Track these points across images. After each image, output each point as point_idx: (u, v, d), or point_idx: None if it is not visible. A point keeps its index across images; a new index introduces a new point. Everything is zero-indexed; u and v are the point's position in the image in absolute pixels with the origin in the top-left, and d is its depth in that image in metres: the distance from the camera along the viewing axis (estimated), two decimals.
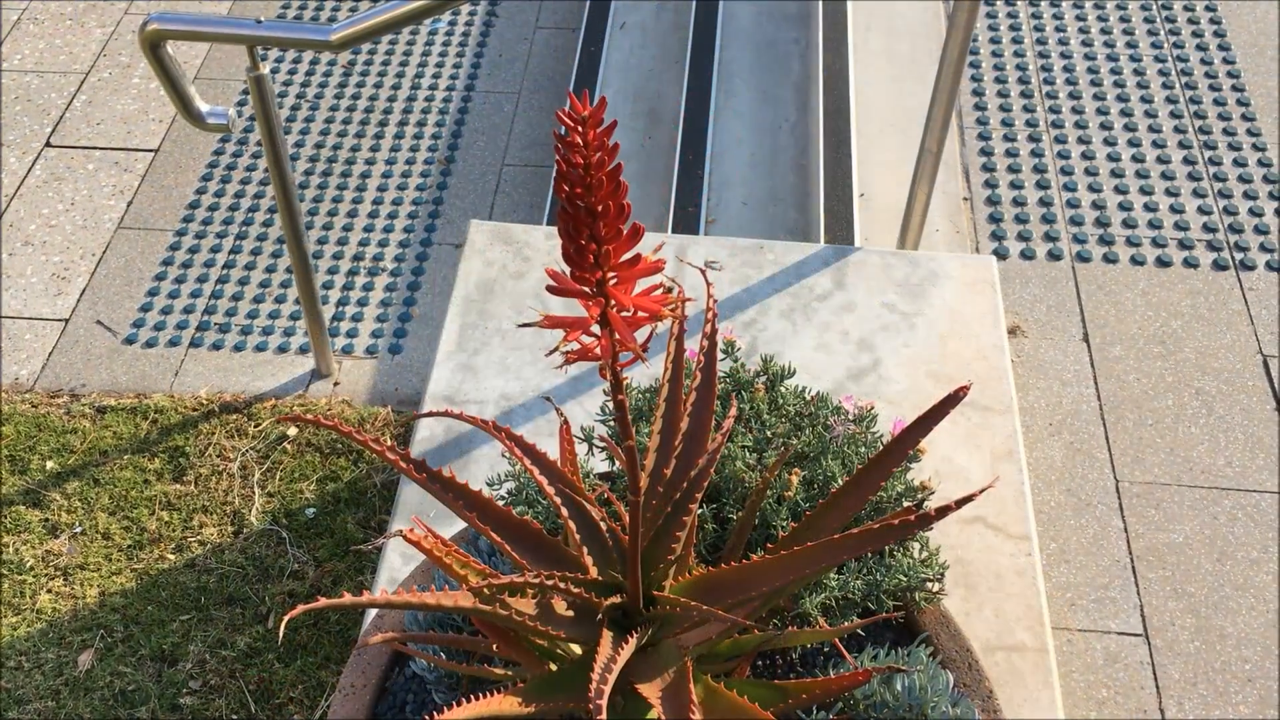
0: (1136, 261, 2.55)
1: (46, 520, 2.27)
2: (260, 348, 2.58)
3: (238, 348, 2.58)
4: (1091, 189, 2.72)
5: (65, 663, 2.07)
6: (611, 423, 1.47)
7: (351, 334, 2.60)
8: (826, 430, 1.36)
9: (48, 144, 3.04)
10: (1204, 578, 2.02)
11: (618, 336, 0.79)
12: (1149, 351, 2.37)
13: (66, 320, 2.65)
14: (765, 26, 3.11)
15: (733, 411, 1.09)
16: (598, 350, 0.80)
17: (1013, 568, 1.76)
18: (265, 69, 2.01)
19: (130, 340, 2.59)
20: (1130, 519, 2.08)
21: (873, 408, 1.35)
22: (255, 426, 2.43)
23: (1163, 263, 2.56)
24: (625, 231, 0.75)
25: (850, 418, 1.39)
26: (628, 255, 0.76)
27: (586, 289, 0.77)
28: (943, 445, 1.90)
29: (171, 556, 2.22)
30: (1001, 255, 2.58)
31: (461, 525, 1.78)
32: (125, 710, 2.00)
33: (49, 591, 2.17)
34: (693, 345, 1.74)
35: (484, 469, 1.86)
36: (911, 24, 3.16)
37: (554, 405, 1.00)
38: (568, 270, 0.78)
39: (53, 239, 2.82)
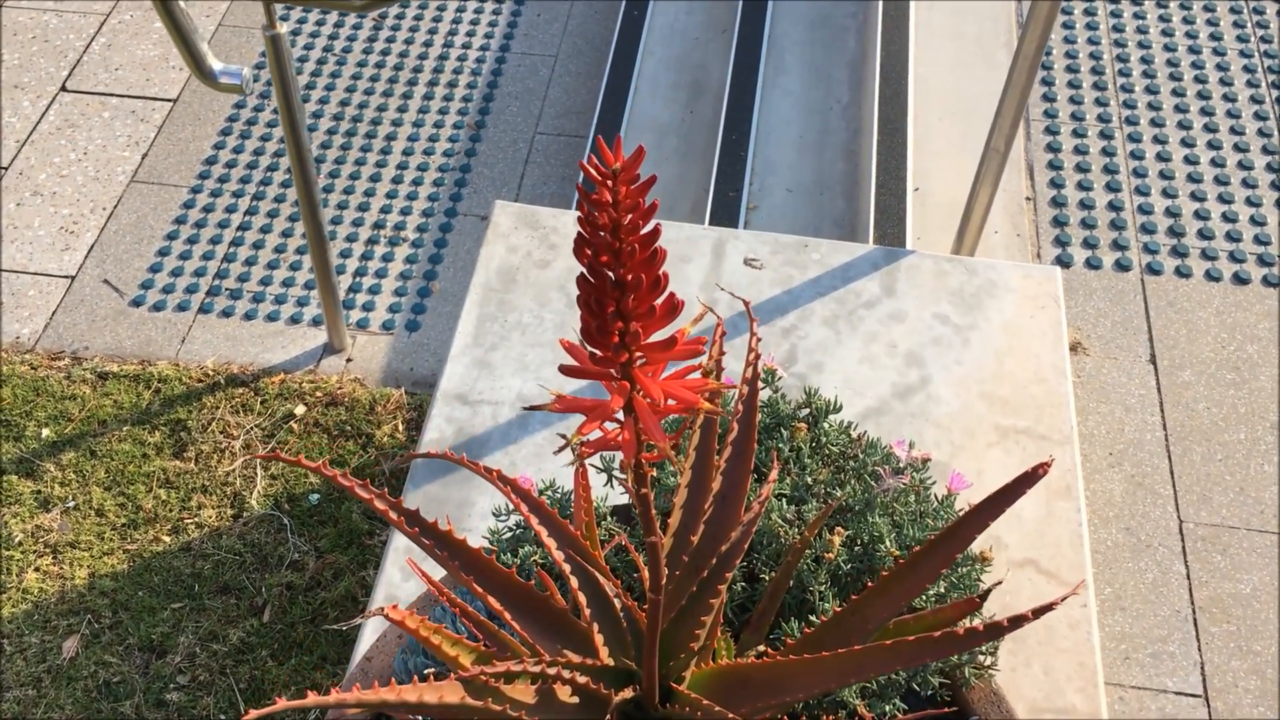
0: (1212, 277, 2.36)
1: (39, 493, 2.16)
2: (272, 317, 2.45)
3: (248, 316, 2.45)
4: (1166, 194, 2.53)
5: (49, 648, 1.97)
6: None
7: (368, 307, 2.46)
8: (874, 480, 1.21)
9: (63, 88, 2.91)
10: (1272, 635, 1.86)
11: (642, 426, 0.64)
12: (1221, 378, 2.19)
13: (73, 278, 2.53)
14: None
15: (773, 476, 0.95)
16: (620, 440, 0.65)
17: (1065, 619, 1.61)
18: (283, 28, 1.86)
19: (137, 302, 2.47)
20: (1194, 564, 1.92)
21: (928, 459, 1.20)
22: (262, 402, 2.31)
23: (1240, 280, 2.36)
24: (659, 307, 0.60)
25: (901, 465, 1.24)
26: (661, 334, 0.61)
27: (609, 371, 0.62)
28: (992, 477, 1.75)
29: (167, 538, 2.11)
30: (1065, 263, 2.40)
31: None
32: (108, 704, 1.90)
33: (36, 570, 2.07)
34: (731, 358, 1.58)
35: None
36: (979, 2, 2.96)
37: (572, 449, 0.81)
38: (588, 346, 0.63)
39: (63, 190, 2.69)
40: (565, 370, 0.62)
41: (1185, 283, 2.36)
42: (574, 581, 0.94)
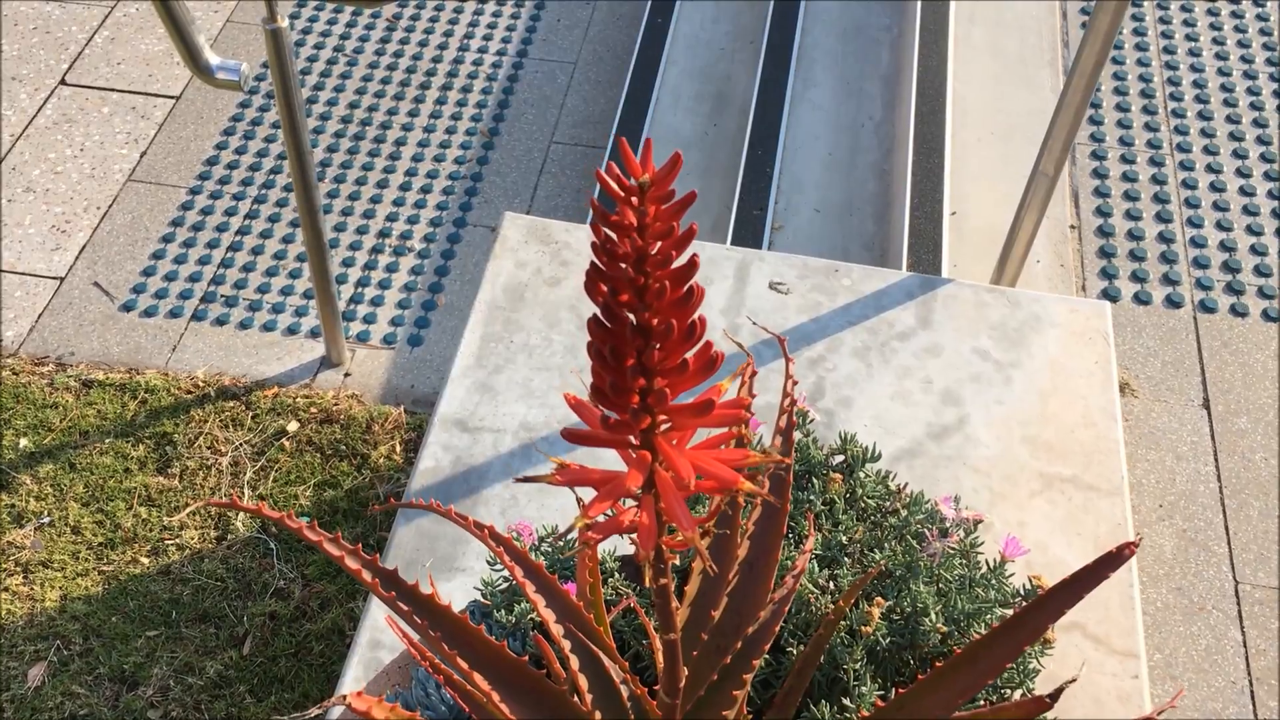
0: (1269, 317, 2.21)
1: (13, 507, 2.03)
2: (268, 327, 2.32)
3: (243, 325, 2.32)
4: (1220, 226, 2.38)
5: (14, 676, 1.84)
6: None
7: (369, 319, 2.33)
8: (918, 541, 1.07)
9: (62, 81, 2.79)
10: None
11: (664, 507, 0.50)
12: None
13: (62, 279, 2.40)
14: (854, 9, 2.79)
15: (809, 546, 0.81)
16: (637, 524, 0.51)
17: (1115, 691, 1.46)
18: (285, 23, 1.74)
19: (128, 307, 2.35)
20: (1250, 631, 1.77)
21: (980, 521, 1.06)
22: (253, 417, 2.18)
23: None
24: (692, 360, 0.46)
25: (947, 525, 1.10)
26: (693, 394, 0.48)
27: (626, 439, 0.49)
28: (1037, 530, 1.60)
29: (145, 560, 1.98)
30: (1112, 297, 2.25)
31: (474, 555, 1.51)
32: None
33: (5, 590, 1.94)
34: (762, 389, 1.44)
35: (494, 514, 1.59)
36: (1022, 17, 2.83)
37: (583, 529, 0.66)
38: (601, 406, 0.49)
39: (57, 187, 2.57)
40: (570, 436, 0.49)
41: (1241, 322, 2.21)
42: (574, 662, 0.80)
